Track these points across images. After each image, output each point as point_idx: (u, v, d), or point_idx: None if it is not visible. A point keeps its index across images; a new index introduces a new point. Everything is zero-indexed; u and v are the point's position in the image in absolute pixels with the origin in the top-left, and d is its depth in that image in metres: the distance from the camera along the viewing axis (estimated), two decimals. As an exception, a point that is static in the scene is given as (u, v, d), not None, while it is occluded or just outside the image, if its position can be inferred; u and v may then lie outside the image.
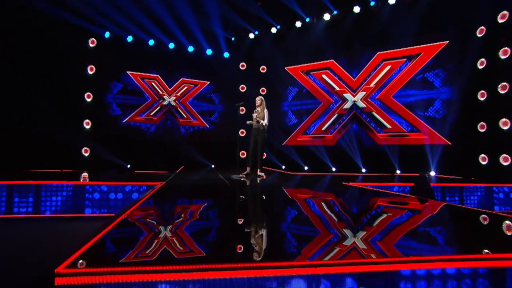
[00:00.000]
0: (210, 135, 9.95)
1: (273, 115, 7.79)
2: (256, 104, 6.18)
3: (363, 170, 8.35)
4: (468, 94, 7.20)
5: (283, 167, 9.40)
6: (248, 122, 6.24)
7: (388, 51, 8.29)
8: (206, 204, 3.44)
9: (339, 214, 3.09)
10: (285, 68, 9.64)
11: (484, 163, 6.99)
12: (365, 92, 8.46)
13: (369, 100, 8.43)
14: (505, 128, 6.74)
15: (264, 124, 6.08)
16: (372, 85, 8.41)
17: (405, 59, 8.02)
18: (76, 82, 8.50)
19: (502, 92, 6.77)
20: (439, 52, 7.61)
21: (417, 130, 7.78)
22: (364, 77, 8.57)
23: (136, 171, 7.57)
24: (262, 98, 6.19)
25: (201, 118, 10.09)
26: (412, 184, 5.44)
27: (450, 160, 7.35)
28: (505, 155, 6.71)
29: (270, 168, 8.56)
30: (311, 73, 9.28)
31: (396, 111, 8.06)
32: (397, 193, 5.04)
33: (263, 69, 9.94)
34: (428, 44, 7.74)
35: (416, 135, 7.79)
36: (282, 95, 9.72)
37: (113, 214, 4.66)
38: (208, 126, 10.08)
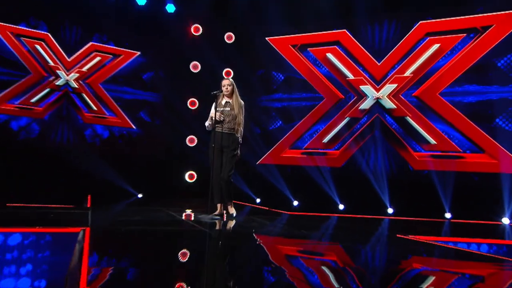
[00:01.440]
0: (137, 142, 8.19)
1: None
2: (224, 92, 5.17)
3: (390, 211, 6.83)
4: None
5: (258, 200, 7.75)
6: (208, 124, 5.27)
7: (437, 20, 6.82)
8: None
9: None
10: (266, 38, 8.01)
11: None
12: (395, 85, 6.96)
13: (402, 97, 6.96)
14: None
15: (240, 130, 5.20)
16: (407, 73, 6.91)
17: (464, 35, 6.62)
18: None
19: None
20: (523, 25, 6.21)
21: (480, 150, 6.51)
22: (395, 60, 7.08)
23: (8, 205, 5.87)
24: (233, 82, 5.24)
25: (123, 113, 7.97)
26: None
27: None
28: None
29: (237, 202, 6.71)
30: (308, 49, 7.68)
31: (445, 118, 6.74)
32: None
33: (229, 37, 8.33)
34: (504, 12, 6.34)
35: (478, 158, 6.48)
36: (259, 83, 8.27)
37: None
38: (134, 127, 8.10)
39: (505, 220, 6.00)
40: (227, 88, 5.06)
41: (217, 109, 5.03)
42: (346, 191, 7.22)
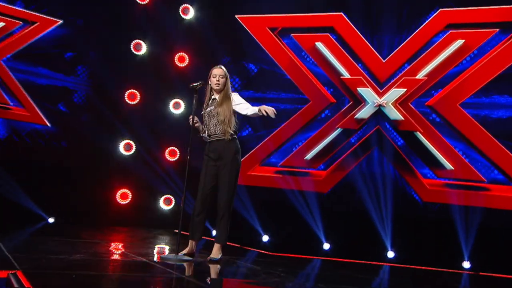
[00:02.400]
0: (52, 146, 7.33)
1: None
2: (214, 87, 4.52)
3: (390, 255, 6.21)
4: None
5: (214, 232, 6.90)
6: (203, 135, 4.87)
7: (462, 8, 6.32)
8: None
9: None
10: (236, 16, 7.38)
11: None
12: (404, 89, 6.40)
13: (411, 106, 6.43)
14: None
15: (231, 131, 4.64)
16: (420, 75, 6.38)
17: (497, 30, 6.13)
18: None
19: None
20: None
21: (511, 181, 6.00)
22: (405, 57, 6.52)
23: None
24: (227, 74, 4.65)
25: (33, 103, 7.15)
26: None
27: None
28: None
29: (185, 232, 5.92)
30: (292, 35, 7.02)
31: (466, 136, 6.25)
32: None
33: (186, 11, 7.60)
34: (550, 2, 5.77)
35: (508, 191, 6.01)
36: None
37: None
38: (49, 124, 7.23)
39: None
40: (218, 81, 4.31)
41: (205, 110, 4.58)
42: (334, 225, 6.44)
